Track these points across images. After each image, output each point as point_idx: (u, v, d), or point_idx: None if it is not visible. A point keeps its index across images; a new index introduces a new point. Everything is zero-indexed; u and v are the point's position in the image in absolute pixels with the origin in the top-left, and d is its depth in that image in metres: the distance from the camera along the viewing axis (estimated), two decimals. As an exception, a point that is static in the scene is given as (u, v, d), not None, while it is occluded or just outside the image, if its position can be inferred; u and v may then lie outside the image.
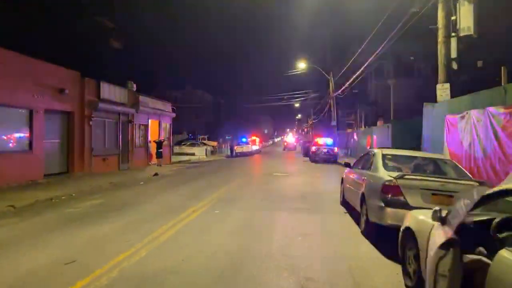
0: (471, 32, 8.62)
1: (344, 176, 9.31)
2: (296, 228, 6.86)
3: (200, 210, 8.44)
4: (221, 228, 6.75)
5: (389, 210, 5.53)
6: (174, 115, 27.68)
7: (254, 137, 47.37)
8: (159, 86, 56.19)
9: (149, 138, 23.39)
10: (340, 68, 30.33)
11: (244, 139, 42.93)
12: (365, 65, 17.59)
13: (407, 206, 5.37)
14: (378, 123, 31.13)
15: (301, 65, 31.67)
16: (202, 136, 48.74)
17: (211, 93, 69.25)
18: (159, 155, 22.45)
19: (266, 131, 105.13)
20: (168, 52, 79.42)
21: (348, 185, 8.49)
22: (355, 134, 32.28)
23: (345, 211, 8.57)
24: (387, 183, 5.67)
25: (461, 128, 8.11)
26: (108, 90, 18.33)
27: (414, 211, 4.51)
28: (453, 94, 9.33)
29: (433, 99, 10.48)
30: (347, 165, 8.95)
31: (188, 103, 60.77)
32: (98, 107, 16.96)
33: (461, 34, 8.80)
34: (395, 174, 5.85)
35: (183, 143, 42.63)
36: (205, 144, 41.17)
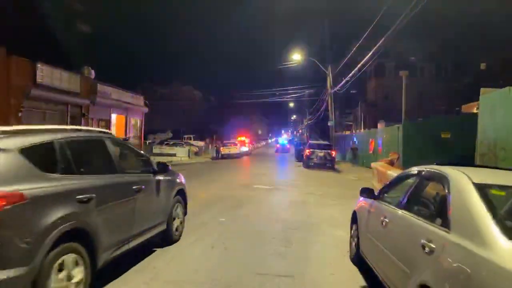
0: None
1: (359, 210, 5.18)
2: None
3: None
4: None
5: None
6: (147, 110, 24.04)
7: (242, 138, 43.66)
8: (144, 82, 52.81)
9: (112, 136, 19.74)
10: (338, 63, 26.91)
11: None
12: (376, 46, 13.98)
13: None
14: (379, 125, 27.79)
15: (296, 57, 27.93)
16: (188, 136, 45.22)
17: (201, 90, 65.56)
18: (122, 156, 18.75)
19: (260, 132, 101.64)
20: (154, 46, 75.73)
21: (371, 235, 4.28)
22: (354, 137, 28.76)
23: (364, 284, 4.39)
24: None
25: None
26: (51, 75, 14.63)
27: None
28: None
29: (437, 100, 7.00)
30: (367, 193, 4.65)
31: (176, 100, 57.07)
32: (30, 94, 13.26)
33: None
34: None
35: (165, 142, 39.37)
36: (189, 144, 37.73)
